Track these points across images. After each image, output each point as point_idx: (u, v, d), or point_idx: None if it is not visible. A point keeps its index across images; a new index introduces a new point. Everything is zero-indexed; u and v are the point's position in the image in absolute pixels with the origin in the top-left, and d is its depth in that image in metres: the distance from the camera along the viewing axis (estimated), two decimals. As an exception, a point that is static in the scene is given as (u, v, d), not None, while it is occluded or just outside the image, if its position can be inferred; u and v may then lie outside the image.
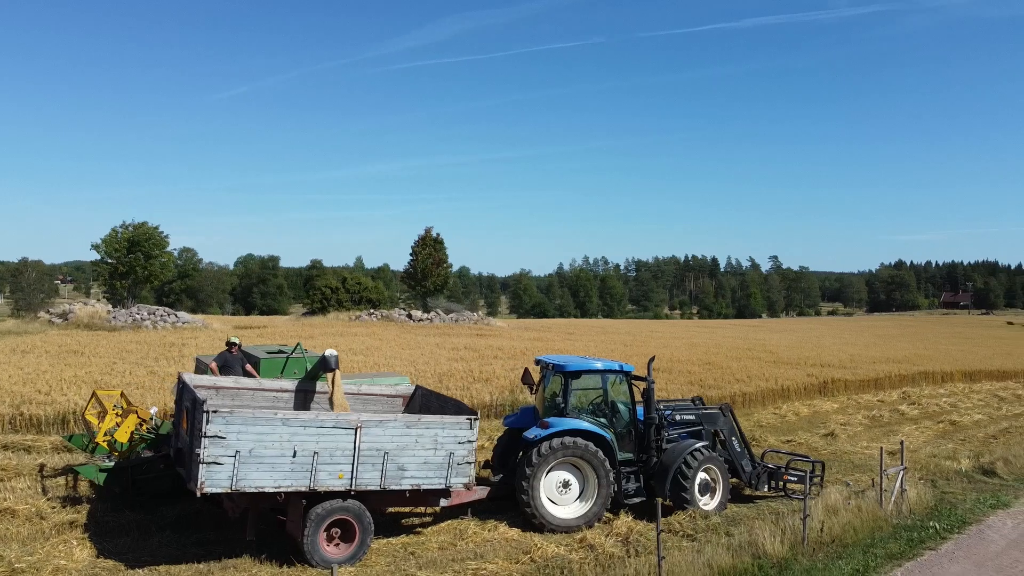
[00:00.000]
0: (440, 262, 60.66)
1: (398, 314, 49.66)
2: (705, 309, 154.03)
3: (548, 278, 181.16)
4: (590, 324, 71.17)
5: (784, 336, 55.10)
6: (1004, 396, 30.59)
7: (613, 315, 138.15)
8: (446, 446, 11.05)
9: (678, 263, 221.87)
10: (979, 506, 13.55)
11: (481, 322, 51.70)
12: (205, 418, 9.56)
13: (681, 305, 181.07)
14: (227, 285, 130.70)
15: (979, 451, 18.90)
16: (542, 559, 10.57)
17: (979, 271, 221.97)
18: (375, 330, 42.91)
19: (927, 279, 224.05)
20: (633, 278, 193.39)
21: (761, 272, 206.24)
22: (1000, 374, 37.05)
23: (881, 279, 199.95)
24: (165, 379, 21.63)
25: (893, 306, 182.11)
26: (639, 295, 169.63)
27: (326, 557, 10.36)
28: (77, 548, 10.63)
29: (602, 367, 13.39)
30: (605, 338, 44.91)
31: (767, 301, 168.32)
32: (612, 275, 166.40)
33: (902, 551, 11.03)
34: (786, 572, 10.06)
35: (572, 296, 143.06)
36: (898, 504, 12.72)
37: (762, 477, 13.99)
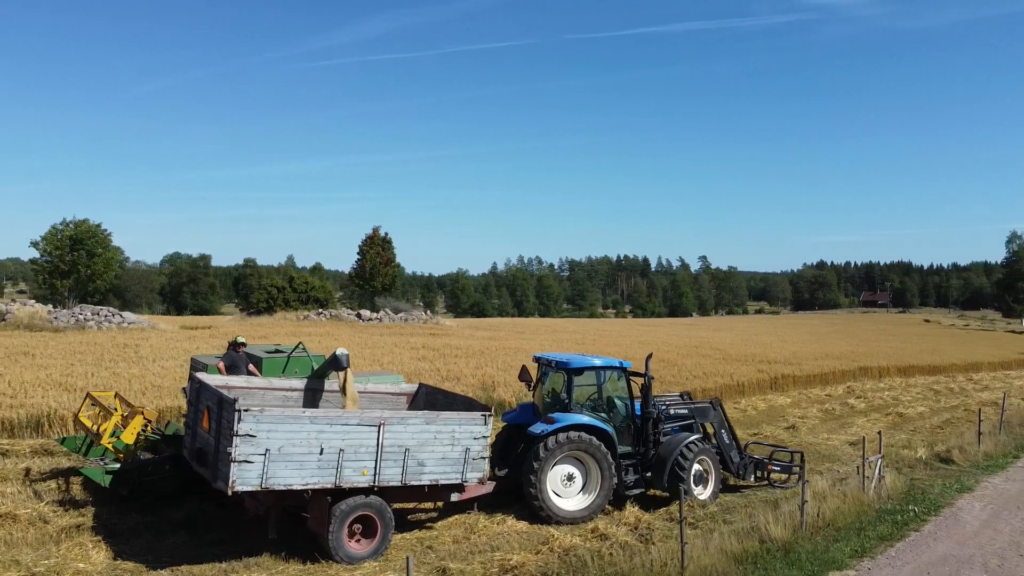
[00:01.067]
0: (388, 261, 60.41)
1: (347, 314, 49.32)
2: (639, 308, 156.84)
3: (483, 277, 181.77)
4: (539, 323, 71.86)
5: (725, 334, 56.82)
6: (939, 389, 32.40)
7: (549, 314, 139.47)
8: (462, 442, 11.31)
9: (610, 263, 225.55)
10: (947, 491, 14.53)
11: (431, 321, 51.76)
12: (237, 417, 9.60)
13: (614, 304, 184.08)
14: (155, 284, 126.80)
15: (931, 440, 20.11)
16: (560, 549, 10.94)
17: (895, 271, 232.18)
18: (328, 330, 42.56)
19: (847, 279, 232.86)
20: (567, 277, 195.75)
21: (690, 272, 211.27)
22: (931, 369, 39.18)
23: (805, 279, 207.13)
24: (131, 380, 21.26)
25: (816, 305, 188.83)
26: (575, 294, 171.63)
27: (350, 553, 10.52)
28: (93, 551, 10.50)
29: (602, 364, 13.85)
30: (556, 337, 45.56)
31: (698, 300, 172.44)
32: (549, 275, 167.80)
33: (891, 533, 11.82)
34: (791, 555, 10.68)
35: (510, 295, 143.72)
36: (878, 490, 13.56)
37: (749, 467, 14.71)
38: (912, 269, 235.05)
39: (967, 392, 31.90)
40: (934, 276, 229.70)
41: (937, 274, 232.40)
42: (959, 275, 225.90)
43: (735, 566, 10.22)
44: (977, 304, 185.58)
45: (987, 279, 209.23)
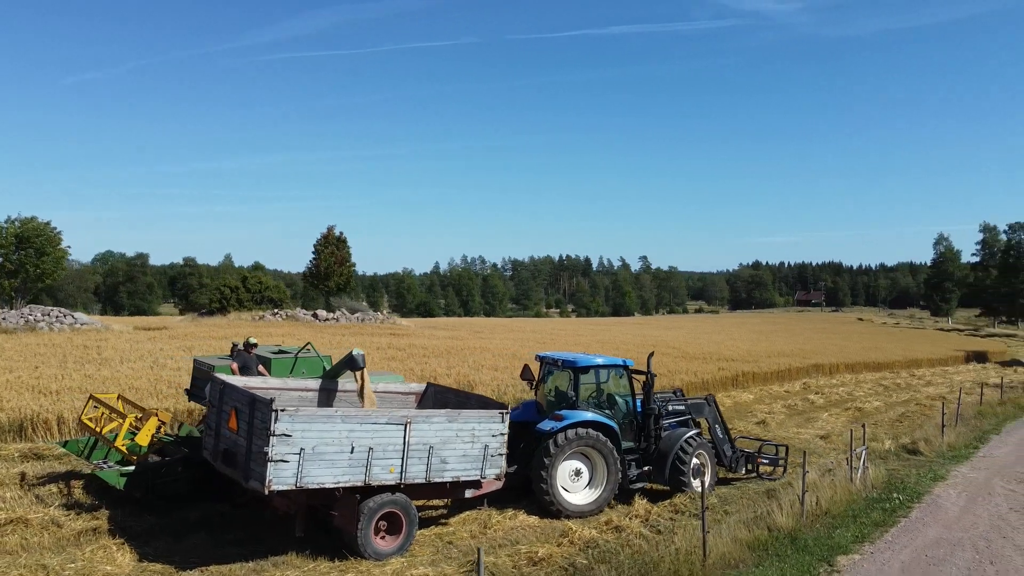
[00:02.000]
0: (343, 261, 59.90)
1: (303, 314, 48.83)
2: (583, 308, 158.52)
3: (426, 277, 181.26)
4: (495, 323, 72.17)
5: (676, 333, 58.11)
6: (887, 385, 33.94)
7: (495, 314, 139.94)
8: (482, 439, 11.59)
9: (553, 263, 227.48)
10: (923, 480, 15.44)
11: (387, 321, 51.60)
12: (274, 417, 9.71)
13: (557, 304, 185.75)
14: (89, 284, 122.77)
15: (894, 433, 21.20)
16: (580, 541, 11.34)
17: (826, 271, 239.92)
18: (288, 330, 42.10)
19: (781, 278, 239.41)
20: (510, 277, 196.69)
21: (631, 272, 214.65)
22: (875, 365, 40.95)
23: (742, 279, 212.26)
24: (106, 382, 20.81)
25: (753, 304, 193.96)
26: (519, 294, 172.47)
27: (377, 549, 10.70)
28: (118, 553, 10.44)
29: (608, 362, 14.29)
30: (516, 337, 45.96)
31: (640, 300, 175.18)
32: (495, 274, 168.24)
33: (883, 520, 12.56)
34: (798, 541, 11.28)
35: (456, 295, 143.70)
36: (863, 480, 14.34)
37: (740, 461, 15.36)
38: (842, 269, 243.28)
39: (914, 387, 33.51)
40: (863, 276, 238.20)
41: (866, 274, 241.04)
42: (887, 275, 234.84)
43: (749, 553, 10.77)
44: (904, 303, 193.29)
45: (913, 279, 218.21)
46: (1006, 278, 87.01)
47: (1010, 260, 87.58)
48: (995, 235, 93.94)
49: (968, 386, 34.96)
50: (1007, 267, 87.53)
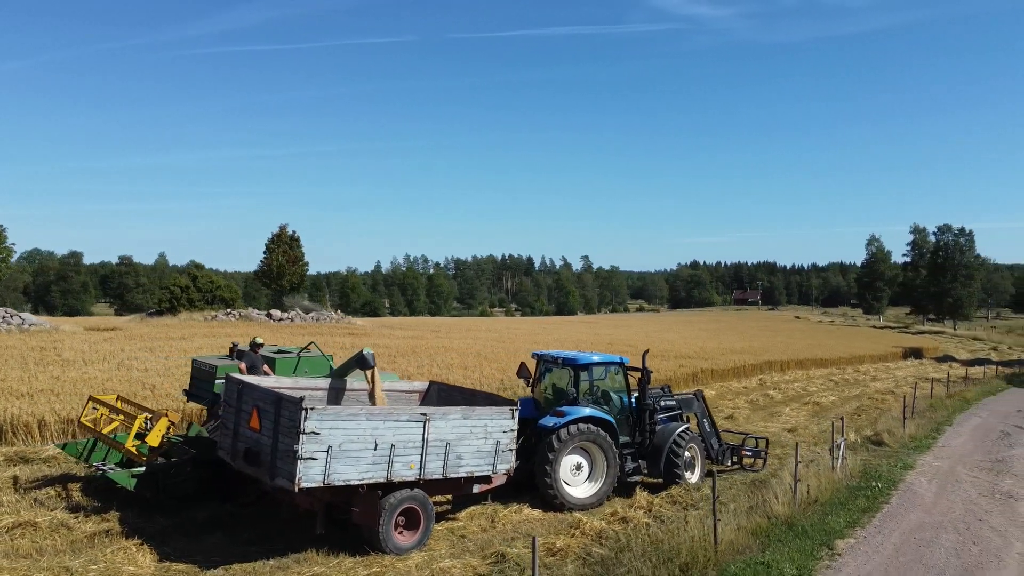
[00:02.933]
0: (296, 260, 59.10)
1: (256, 314, 48.16)
2: (527, 307, 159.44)
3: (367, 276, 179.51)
4: (452, 323, 72.25)
5: (628, 331, 59.18)
6: (837, 380, 35.37)
7: (440, 313, 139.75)
8: (494, 435, 11.90)
9: (495, 262, 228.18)
10: (894, 469, 16.33)
11: (342, 321, 51.25)
12: (304, 415, 9.85)
13: (500, 303, 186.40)
14: (18, 283, 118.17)
15: (856, 426, 22.20)
16: (592, 531, 11.76)
17: (761, 271, 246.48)
18: (243, 330, 41.48)
19: (718, 278, 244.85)
20: (453, 276, 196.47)
21: (572, 271, 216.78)
22: (822, 362, 42.51)
23: (681, 278, 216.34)
24: (76, 384, 20.41)
25: (692, 303, 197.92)
26: (464, 293, 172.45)
27: (397, 544, 10.91)
28: (138, 554, 10.42)
29: (602, 360, 14.74)
30: (475, 335, 46.23)
31: (583, 299, 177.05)
32: (439, 274, 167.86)
33: (869, 506, 13.32)
34: (795, 528, 11.91)
35: (401, 294, 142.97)
36: (843, 470, 15.13)
37: (726, 453, 16.01)
38: (776, 269, 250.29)
39: (862, 382, 34.99)
40: (796, 276, 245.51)
41: (799, 274, 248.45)
42: (819, 275, 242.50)
43: (754, 539, 11.33)
44: (836, 302, 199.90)
45: (843, 278, 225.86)
46: (935, 278, 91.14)
47: (938, 261, 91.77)
48: (924, 237, 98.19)
49: (911, 381, 36.69)
50: (936, 267, 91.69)
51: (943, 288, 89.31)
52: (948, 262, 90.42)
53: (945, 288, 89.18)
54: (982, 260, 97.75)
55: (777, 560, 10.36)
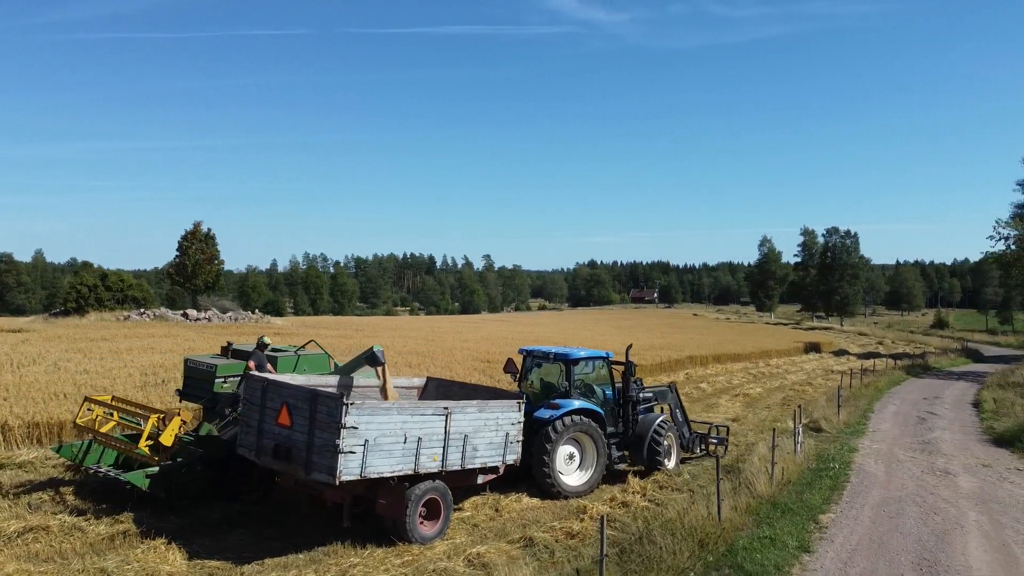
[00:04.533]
0: (211, 258, 57.20)
1: (172, 314, 46.57)
2: (432, 305, 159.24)
3: (263, 275, 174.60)
4: (377, 322, 71.54)
5: (546, 329, 60.41)
6: (755, 373, 37.47)
7: (344, 312, 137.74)
8: (504, 427, 12.46)
9: (397, 260, 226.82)
10: (843, 452, 17.81)
11: (261, 321, 50.18)
12: (344, 410, 10.14)
13: (402, 301, 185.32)
14: None
15: (791, 415, 23.83)
16: (598, 515, 12.45)
17: (656, 270, 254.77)
18: (159, 330, 40.10)
19: (615, 277, 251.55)
20: (353, 275, 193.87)
21: (474, 270, 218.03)
22: (736, 356, 44.80)
23: (581, 277, 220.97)
24: (23, 388, 19.59)
25: (592, 301, 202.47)
26: (368, 292, 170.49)
27: (423, 534, 11.30)
28: (168, 553, 10.43)
29: (589, 355, 15.48)
30: (403, 334, 46.25)
31: (487, 297, 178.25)
32: (343, 272, 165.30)
33: (834, 485, 14.60)
34: (778, 506, 12.99)
35: (304, 293, 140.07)
36: (802, 454, 16.44)
37: (696, 441, 17.07)
38: (670, 268, 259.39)
39: (778, 375, 37.23)
40: (689, 274, 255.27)
41: (691, 272, 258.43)
42: (709, 274, 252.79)
43: (747, 517, 12.33)
44: (727, 299, 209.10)
45: (732, 277, 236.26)
46: (824, 277, 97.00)
47: (827, 261, 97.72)
48: (813, 238, 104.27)
49: (819, 373, 39.36)
50: (824, 267, 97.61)
51: (831, 287, 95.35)
52: (836, 262, 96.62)
53: (833, 287, 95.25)
54: (866, 260, 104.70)
55: (779, 534, 11.34)
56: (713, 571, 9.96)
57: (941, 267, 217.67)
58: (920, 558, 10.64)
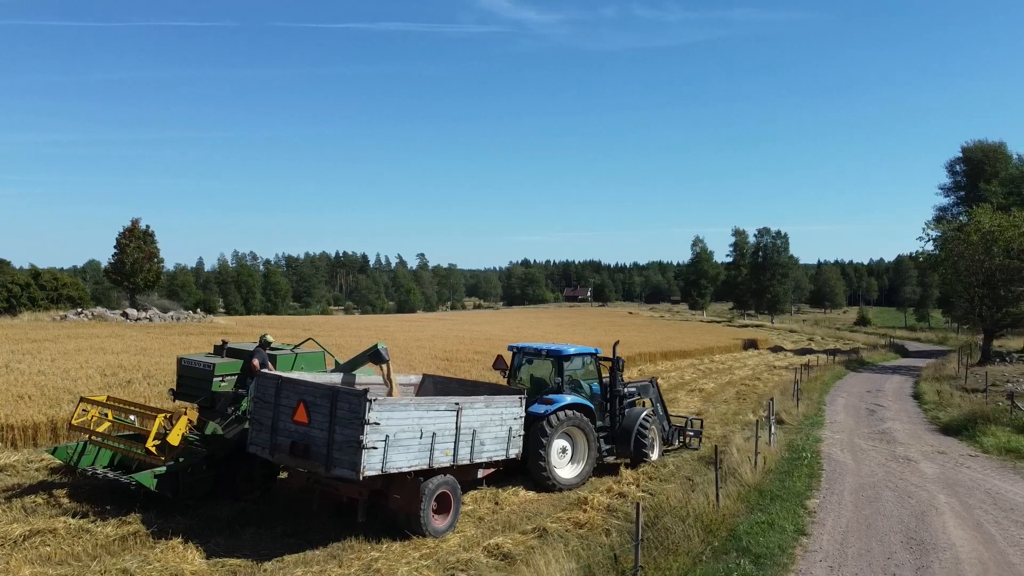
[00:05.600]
0: (151, 256, 55.42)
1: (111, 314, 45.14)
2: (368, 304, 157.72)
3: (190, 273, 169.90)
4: (321, 321, 70.57)
5: (493, 327, 60.75)
6: (703, 369, 38.59)
7: (277, 311, 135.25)
8: (507, 422, 12.78)
9: (329, 259, 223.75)
10: (810, 443, 18.69)
11: (204, 320, 49.07)
12: (368, 407, 10.29)
13: (336, 300, 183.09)
14: None
15: (752, 407, 24.82)
16: (601, 506, 12.92)
17: (588, 269, 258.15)
18: (99, 330, 38.85)
19: (547, 276, 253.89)
20: (284, 273, 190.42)
21: (408, 268, 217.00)
22: (682, 353, 45.99)
23: (516, 276, 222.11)
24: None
25: (526, 300, 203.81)
26: (301, 291, 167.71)
27: (436, 527, 11.54)
28: (186, 552, 10.39)
29: (578, 351, 15.87)
30: (351, 333, 45.88)
31: (423, 296, 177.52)
32: (276, 271, 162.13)
33: (812, 473, 15.38)
34: (765, 493, 13.66)
35: (236, 291, 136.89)
36: (775, 444, 17.23)
37: (674, 434, 17.69)
38: (602, 267, 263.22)
39: (726, 371, 38.43)
40: (620, 273, 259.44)
41: (622, 272, 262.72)
42: (640, 273, 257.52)
43: (740, 503, 12.94)
44: (658, 298, 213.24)
45: (663, 276, 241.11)
46: (756, 276, 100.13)
47: (759, 260, 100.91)
48: (744, 238, 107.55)
49: (762, 369, 40.79)
50: (756, 266, 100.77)
51: (763, 285, 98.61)
52: (767, 262, 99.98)
53: (764, 285, 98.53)
54: (795, 260, 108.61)
55: (775, 519, 11.96)
56: (723, 554, 10.48)
57: (860, 267, 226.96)
58: (907, 537, 11.40)
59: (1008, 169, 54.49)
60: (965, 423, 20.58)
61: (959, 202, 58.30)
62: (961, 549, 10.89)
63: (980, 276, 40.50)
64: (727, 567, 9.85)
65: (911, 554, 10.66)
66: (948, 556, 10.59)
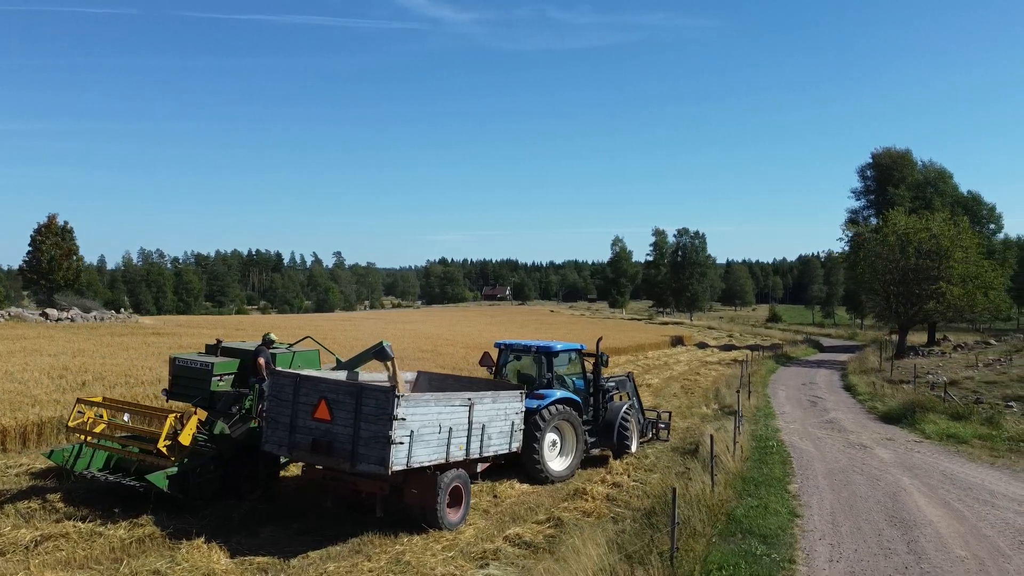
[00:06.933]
0: (69, 254, 52.77)
1: (30, 314, 43.02)
2: (285, 304, 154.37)
3: (92, 270, 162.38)
4: (249, 320, 68.75)
5: (423, 325, 60.75)
6: (643, 365, 39.70)
7: (191, 311, 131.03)
8: (510, 416, 13.15)
9: (241, 257, 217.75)
10: (770, 432, 19.72)
11: (129, 321, 47.29)
12: (396, 402, 10.49)
13: (250, 300, 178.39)
14: None
15: (700, 401, 25.85)
16: (600, 495, 13.42)
17: (505, 268, 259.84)
18: (19, 331, 37.00)
19: (465, 274, 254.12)
20: (195, 271, 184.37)
21: (323, 267, 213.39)
22: (618, 350, 46.86)
23: (435, 274, 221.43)
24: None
25: (445, 299, 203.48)
26: (215, 290, 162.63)
27: (451, 520, 11.79)
28: (211, 552, 10.34)
29: (565, 348, 16.35)
30: (285, 334, 45.00)
31: (341, 295, 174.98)
32: (188, 269, 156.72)
33: (783, 460, 16.30)
34: (748, 480, 14.46)
35: (147, 290, 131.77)
36: (746, 434, 18.13)
37: (648, 427, 18.38)
38: (519, 266, 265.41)
39: (664, 367, 39.64)
40: (536, 272, 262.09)
41: (539, 270, 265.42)
42: (556, 272, 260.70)
43: (728, 489, 13.66)
44: (575, 296, 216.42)
45: (579, 275, 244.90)
46: (676, 275, 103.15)
47: (678, 260, 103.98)
48: (664, 238, 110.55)
49: (698, 364, 42.26)
50: (676, 266, 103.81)
51: (682, 284, 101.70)
52: (686, 260, 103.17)
53: (684, 284, 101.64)
54: (712, 259, 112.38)
55: (768, 503, 12.72)
56: (729, 536, 11.12)
57: (766, 266, 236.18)
58: (889, 515, 12.33)
59: (914, 175, 58.09)
60: (904, 412, 22.07)
61: (869, 205, 61.74)
62: (939, 525, 11.86)
63: (896, 275, 43.18)
64: (741, 547, 10.48)
65: (897, 530, 11.55)
66: (930, 531, 11.52)
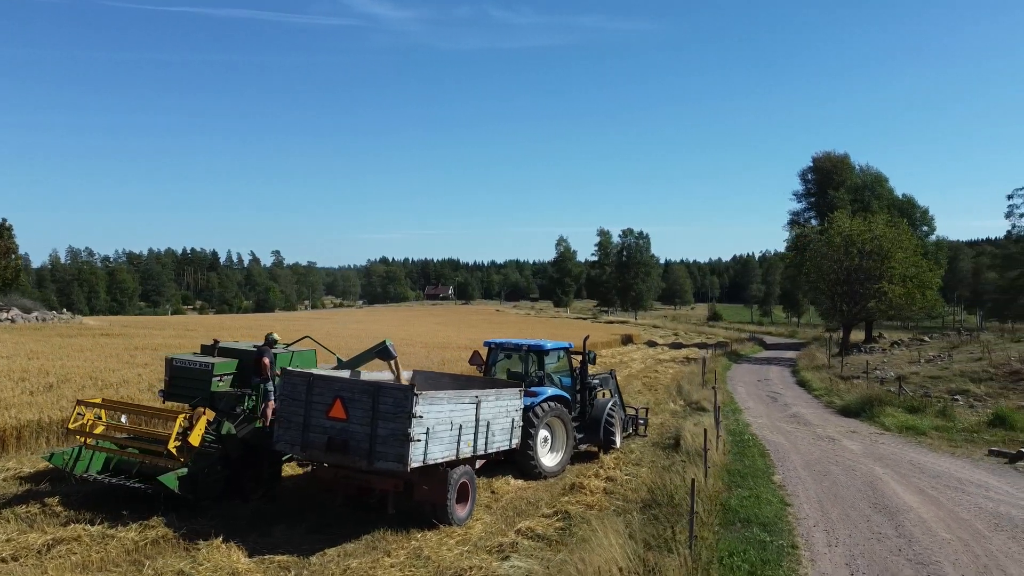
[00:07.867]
0: (7, 252, 50.67)
1: (-34, 314, 41.37)
2: (224, 304, 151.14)
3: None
4: (196, 320, 67.22)
5: (374, 325, 60.49)
6: (600, 364, 40.27)
7: (125, 311, 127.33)
8: (511, 414, 13.44)
9: (175, 256, 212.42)
10: (741, 426, 20.44)
11: (73, 321, 45.86)
12: (415, 400, 10.68)
13: (185, 300, 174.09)
14: None
15: (668, 398, 26.52)
16: (598, 489, 13.80)
17: (447, 267, 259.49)
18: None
19: (407, 274, 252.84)
20: (128, 270, 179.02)
21: (262, 266, 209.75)
22: (572, 349, 47.69)
23: (376, 274, 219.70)
24: None
25: (387, 298, 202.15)
26: (149, 290, 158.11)
27: (459, 516, 12.02)
28: (230, 552, 10.36)
29: (554, 346, 16.67)
30: (235, 336, 44.38)
31: (282, 294, 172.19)
32: (121, 268, 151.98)
33: (763, 453, 16.96)
34: (734, 473, 15.04)
35: (79, 289, 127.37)
36: (721, 429, 18.77)
37: (629, 423, 18.88)
38: (460, 265, 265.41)
39: (621, 365, 40.27)
40: (478, 272, 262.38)
41: (480, 270, 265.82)
42: (498, 271, 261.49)
43: (718, 481, 14.21)
44: (517, 296, 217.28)
45: (520, 275, 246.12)
46: (621, 274, 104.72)
47: (623, 260, 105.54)
48: (608, 238, 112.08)
49: (652, 362, 43.13)
50: (621, 265, 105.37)
51: (627, 283, 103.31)
52: (631, 260, 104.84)
53: (629, 283, 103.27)
54: (656, 259, 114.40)
55: (760, 493, 13.30)
56: (730, 524, 11.65)
57: (703, 266, 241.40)
58: (872, 502, 13.04)
59: (852, 179, 60.34)
60: (863, 406, 23.11)
61: (810, 207, 63.86)
62: (920, 510, 12.61)
63: (841, 275, 44.90)
64: (744, 535, 11.00)
65: (883, 516, 12.24)
66: (913, 516, 12.25)
